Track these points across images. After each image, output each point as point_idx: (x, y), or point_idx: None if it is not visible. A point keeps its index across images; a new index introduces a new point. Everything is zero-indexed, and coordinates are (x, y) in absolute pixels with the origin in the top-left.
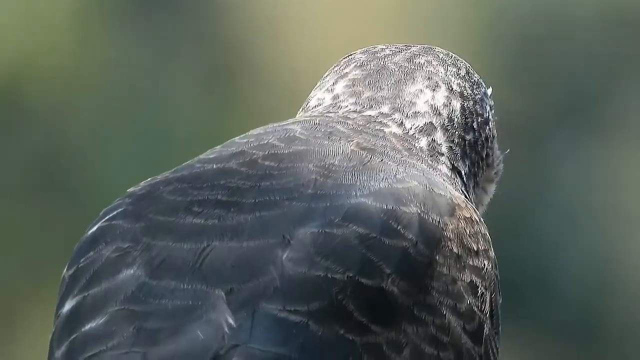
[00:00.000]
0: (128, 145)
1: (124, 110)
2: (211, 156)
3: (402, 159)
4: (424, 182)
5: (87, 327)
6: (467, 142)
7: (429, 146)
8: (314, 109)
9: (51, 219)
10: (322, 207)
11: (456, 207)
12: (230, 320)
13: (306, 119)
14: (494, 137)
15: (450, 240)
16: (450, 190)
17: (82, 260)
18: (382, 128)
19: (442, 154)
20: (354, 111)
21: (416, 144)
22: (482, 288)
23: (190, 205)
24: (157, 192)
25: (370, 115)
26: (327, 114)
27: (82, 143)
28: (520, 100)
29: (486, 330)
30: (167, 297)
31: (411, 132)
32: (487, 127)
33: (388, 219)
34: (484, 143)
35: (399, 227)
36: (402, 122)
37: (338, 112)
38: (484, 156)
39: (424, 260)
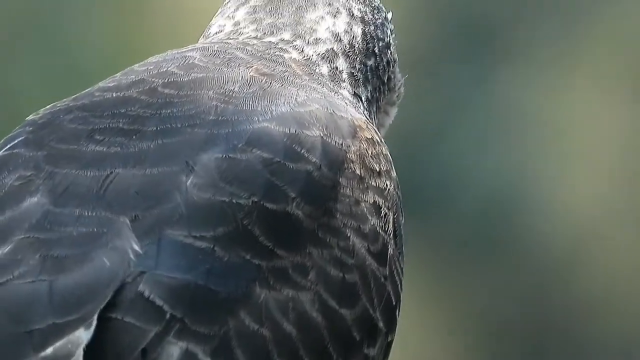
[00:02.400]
0: (31, 68)
1: (25, 32)
2: (110, 85)
3: (303, 83)
4: (325, 105)
5: None
6: (368, 67)
7: (330, 72)
8: (214, 36)
9: None
10: (224, 133)
11: (357, 129)
12: (136, 247)
13: (205, 45)
14: (395, 60)
15: (352, 162)
16: (352, 112)
17: None
18: (282, 54)
19: (344, 81)
20: (255, 37)
21: (317, 70)
22: (385, 209)
23: (92, 133)
24: (58, 121)
25: (270, 42)
26: (227, 41)
27: None
28: (425, 29)
29: (390, 250)
30: (72, 225)
31: (313, 59)
32: (389, 51)
33: (291, 142)
34: (385, 67)
35: (302, 151)
36: (303, 49)
37: (238, 38)
38: (386, 80)
39: (327, 183)
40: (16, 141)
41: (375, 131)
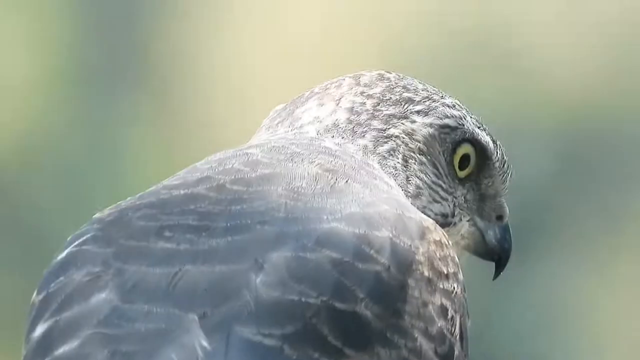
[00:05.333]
0: (89, 206)
1: (83, 171)
2: (176, 182)
3: (363, 179)
4: (394, 205)
5: (60, 350)
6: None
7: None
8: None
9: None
10: (294, 231)
11: (426, 230)
12: (205, 344)
13: (262, 142)
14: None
15: (421, 263)
16: (419, 213)
17: (52, 284)
18: (323, 144)
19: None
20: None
21: (367, 160)
22: (452, 311)
23: (161, 230)
24: (127, 218)
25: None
26: (279, 138)
27: (43, 202)
28: None
29: (456, 352)
30: (141, 321)
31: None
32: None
33: (360, 243)
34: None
35: (371, 252)
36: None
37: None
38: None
39: (396, 284)
40: (84, 237)
41: (443, 233)
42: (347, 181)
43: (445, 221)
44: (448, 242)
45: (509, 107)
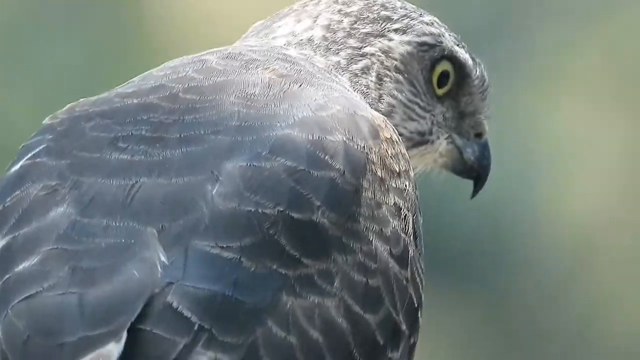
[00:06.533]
0: (24, 86)
1: (18, 50)
2: (129, 90)
3: (319, 82)
4: (346, 105)
5: (21, 267)
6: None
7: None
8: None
9: None
10: (248, 140)
11: (378, 129)
12: (163, 258)
13: (221, 49)
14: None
15: (374, 164)
16: (370, 110)
17: (8, 199)
18: (285, 52)
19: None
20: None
21: (317, 64)
22: (405, 210)
23: (114, 141)
24: (79, 127)
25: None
26: (241, 46)
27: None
28: None
29: (411, 252)
30: (100, 236)
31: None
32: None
33: (315, 149)
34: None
35: (326, 157)
36: (298, 47)
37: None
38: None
39: (351, 188)
40: (37, 150)
41: (393, 129)
42: (300, 85)
43: (422, 139)
44: (399, 139)
45: None
